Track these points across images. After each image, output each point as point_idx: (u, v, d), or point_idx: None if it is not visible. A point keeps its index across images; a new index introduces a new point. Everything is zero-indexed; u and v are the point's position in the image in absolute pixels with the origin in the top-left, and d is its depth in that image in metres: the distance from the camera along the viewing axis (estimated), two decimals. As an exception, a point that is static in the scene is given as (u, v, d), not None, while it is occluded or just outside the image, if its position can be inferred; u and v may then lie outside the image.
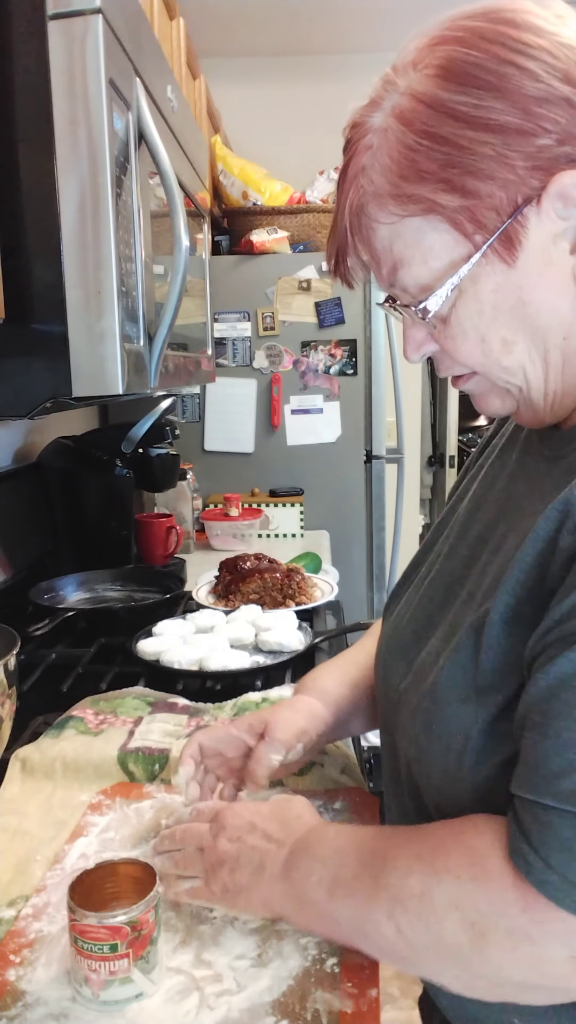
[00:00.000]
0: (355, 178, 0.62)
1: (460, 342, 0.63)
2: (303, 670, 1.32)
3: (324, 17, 2.99)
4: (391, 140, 0.59)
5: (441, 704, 0.64)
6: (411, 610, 0.77)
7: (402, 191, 0.59)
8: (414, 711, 0.68)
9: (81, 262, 0.91)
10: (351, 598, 2.58)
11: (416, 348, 0.67)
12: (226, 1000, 0.64)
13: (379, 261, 0.64)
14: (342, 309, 2.52)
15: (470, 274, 0.60)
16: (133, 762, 0.97)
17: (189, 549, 2.27)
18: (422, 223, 0.60)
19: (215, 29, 3.00)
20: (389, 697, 0.75)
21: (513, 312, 0.61)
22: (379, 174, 0.60)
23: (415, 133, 0.58)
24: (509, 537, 0.65)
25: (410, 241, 0.61)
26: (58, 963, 0.68)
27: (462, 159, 0.57)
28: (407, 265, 0.62)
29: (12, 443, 1.90)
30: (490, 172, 0.57)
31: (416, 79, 0.59)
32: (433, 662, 0.67)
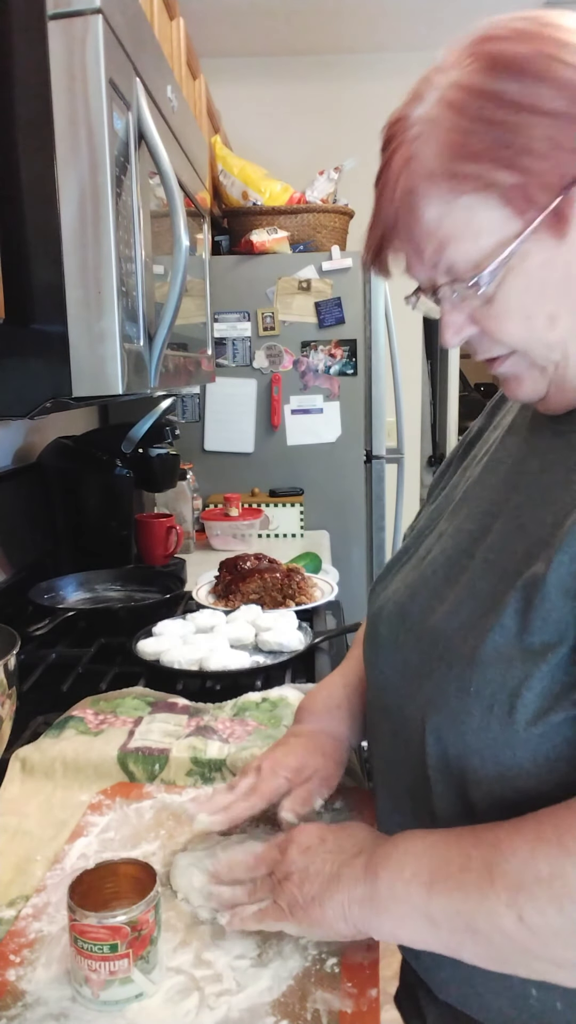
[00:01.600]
0: (404, 165, 0.64)
1: (504, 320, 0.65)
2: (303, 670, 1.32)
3: (324, 17, 2.99)
4: (442, 126, 0.62)
5: (482, 665, 0.64)
6: (412, 587, 0.77)
7: (457, 170, 0.61)
8: (444, 677, 0.66)
9: (81, 262, 0.91)
10: (351, 598, 2.57)
11: (456, 331, 0.68)
12: (226, 1000, 0.64)
13: (425, 241, 0.65)
14: (342, 309, 2.51)
15: (520, 251, 0.62)
16: (133, 762, 0.97)
17: (189, 549, 2.27)
18: (474, 201, 0.62)
19: (215, 29, 3.00)
20: (395, 673, 0.74)
21: (560, 286, 0.63)
22: (430, 158, 0.62)
23: (466, 118, 0.60)
24: (539, 509, 0.66)
25: (461, 220, 0.63)
26: (58, 963, 0.68)
27: (515, 139, 0.59)
28: (456, 242, 0.63)
29: (12, 443, 1.90)
30: (542, 152, 0.59)
31: (461, 73, 0.62)
32: (462, 628, 0.67)
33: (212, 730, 1.04)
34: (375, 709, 0.81)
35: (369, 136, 2.63)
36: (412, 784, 0.72)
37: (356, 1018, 0.62)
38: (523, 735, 0.61)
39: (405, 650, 0.73)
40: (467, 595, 0.69)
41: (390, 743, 0.76)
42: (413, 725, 0.70)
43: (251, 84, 3.32)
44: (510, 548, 0.67)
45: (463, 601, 0.69)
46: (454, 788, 0.67)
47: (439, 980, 0.71)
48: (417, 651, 0.71)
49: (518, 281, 0.63)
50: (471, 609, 0.67)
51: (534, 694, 0.61)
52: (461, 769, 0.66)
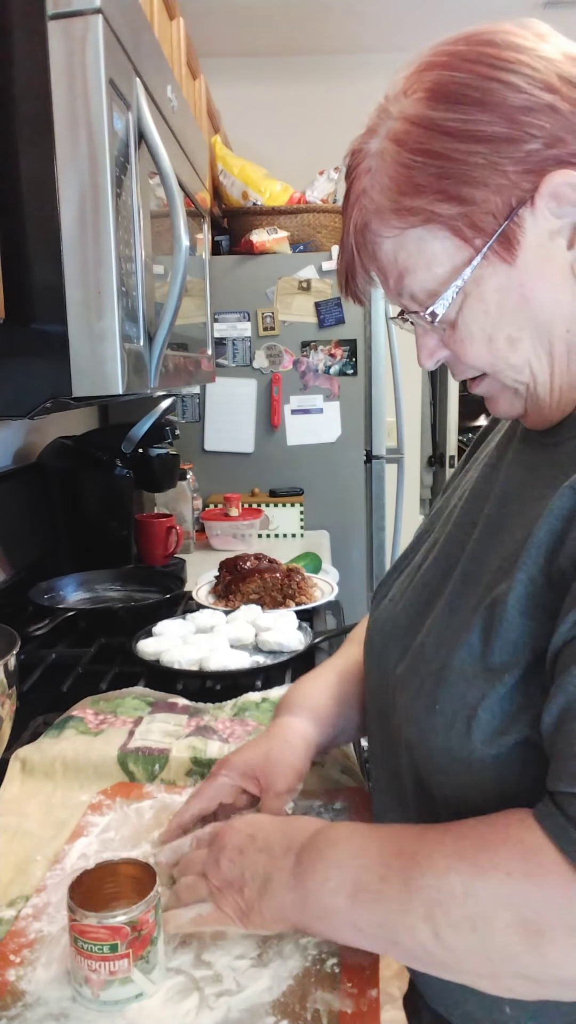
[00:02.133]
0: (357, 200, 0.66)
1: (468, 344, 0.66)
2: (303, 670, 1.32)
3: (324, 17, 2.99)
4: (388, 161, 0.63)
5: (446, 683, 0.64)
6: (405, 596, 0.78)
7: (402, 205, 0.63)
8: (416, 692, 0.67)
9: (81, 262, 0.91)
10: (351, 598, 2.58)
11: (429, 355, 0.70)
12: (226, 1000, 0.64)
13: (386, 274, 0.67)
14: (342, 309, 2.51)
15: (473, 276, 0.63)
16: (133, 762, 0.97)
17: (189, 549, 2.27)
18: (424, 233, 0.63)
19: (215, 29, 3.00)
20: (384, 682, 0.74)
21: (517, 309, 0.64)
22: (379, 193, 0.64)
23: (409, 151, 0.62)
24: (510, 521, 0.67)
25: (413, 251, 0.64)
26: (58, 963, 0.68)
27: (455, 170, 0.60)
28: (412, 273, 0.65)
29: (12, 443, 1.90)
30: (483, 179, 0.60)
31: (407, 104, 0.63)
32: (436, 644, 0.67)
33: (212, 730, 1.04)
34: (370, 713, 0.82)
35: (369, 136, 2.53)
36: (399, 792, 0.73)
37: (356, 1018, 0.62)
38: (479, 755, 0.61)
39: (392, 662, 0.74)
40: (446, 610, 0.69)
41: (380, 749, 0.78)
42: (396, 735, 0.71)
43: (251, 84, 3.32)
44: (485, 561, 0.67)
45: (442, 616, 0.69)
46: (427, 802, 0.68)
47: (428, 988, 0.72)
48: (402, 664, 0.72)
49: (476, 306, 0.64)
50: (447, 625, 0.68)
51: (490, 714, 0.61)
52: (430, 785, 0.67)
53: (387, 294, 0.69)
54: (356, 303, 0.73)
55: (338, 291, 0.77)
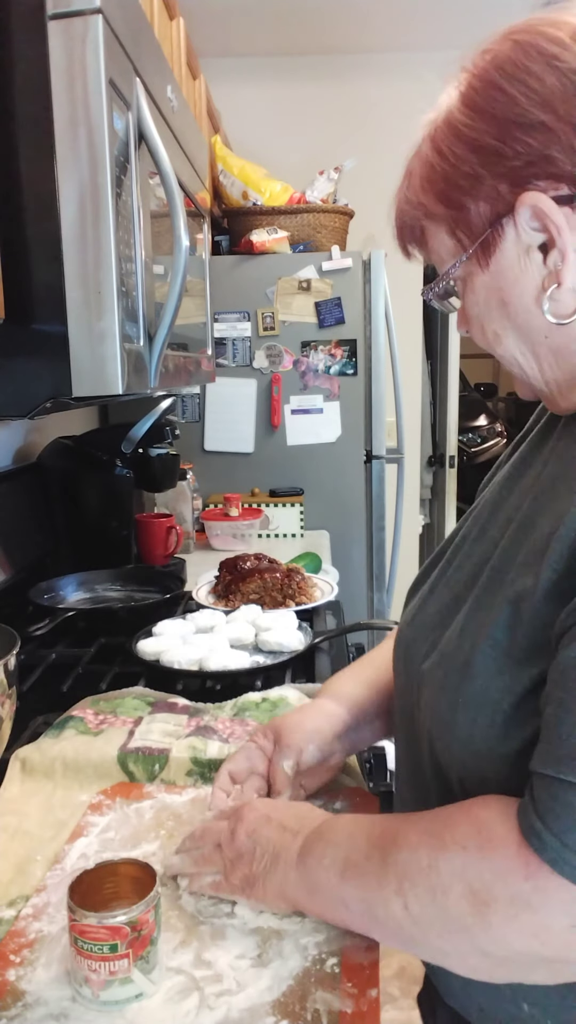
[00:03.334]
0: (404, 179, 0.71)
1: (471, 326, 0.72)
2: (303, 670, 1.32)
3: (324, 17, 2.99)
4: (421, 152, 0.68)
5: (470, 677, 0.65)
6: (436, 592, 0.78)
7: (418, 199, 0.68)
8: (441, 686, 0.68)
9: (81, 262, 0.91)
10: (351, 598, 2.58)
11: (458, 325, 0.75)
12: (226, 1000, 0.64)
13: (418, 250, 0.74)
14: (342, 309, 2.51)
15: (464, 271, 0.68)
16: (133, 762, 0.97)
17: (189, 549, 2.27)
18: (431, 225, 0.69)
19: (215, 29, 3.00)
20: (411, 678, 0.76)
21: (499, 310, 0.68)
22: (409, 183, 0.70)
23: (432, 150, 0.66)
24: (541, 517, 0.67)
25: (432, 235, 0.70)
26: (58, 963, 0.68)
27: (452, 175, 0.65)
28: (431, 253, 0.72)
29: (12, 443, 1.90)
30: (470, 187, 0.64)
31: (451, 98, 0.67)
32: (462, 638, 0.68)
33: (212, 730, 1.04)
34: (397, 709, 0.83)
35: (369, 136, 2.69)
36: (421, 788, 0.74)
37: (356, 1018, 0.62)
38: (501, 749, 0.63)
39: (420, 657, 0.75)
40: (474, 605, 0.70)
41: (404, 745, 0.79)
42: (419, 731, 0.73)
43: (251, 84, 3.32)
44: (513, 557, 0.67)
45: (470, 612, 0.70)
46: (447, 797, 0.69)
47: (445, 984, 0.72)
48: (429, 659, 0.73)
49: (471, 296, 0.69)
50: (474, 619, 0.69)
51: (513, 709, 0.62)
52: (450, 780, 0.68)
53: None
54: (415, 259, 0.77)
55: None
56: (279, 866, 0.70)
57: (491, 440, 5.81)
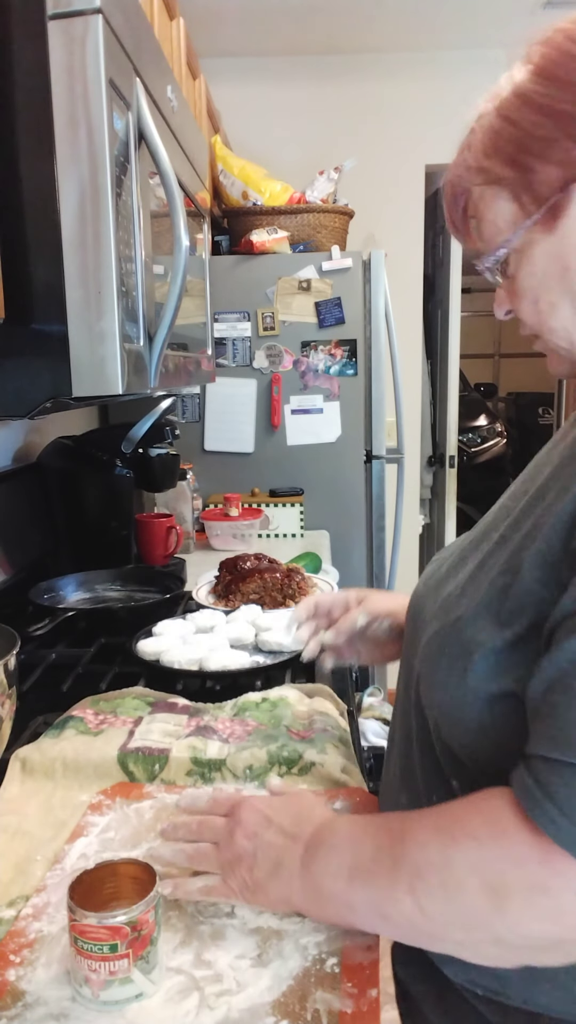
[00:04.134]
0: (461, 152, 0.72)
1: (520, 301, 0.71)
2: (303, 670, 1.32)
3: (323, 17, 2.99)
4: (486, 123, 0.69)
5: (459, 631, 0.69)
6: (451, 557, 0.82)
7: (481, 164, 0.69)
8: (435, 634, 0.72)
9: (81, 262, 0.91)
10: (351, 598, 2.57)
11: (499, 305, 0.75)
12: (226, 1000, 0.64)
13: (469, 220, 0.74)
14: (342, 309, 2.51)
15: (526, 239, 0.68)
16: (133, 762, 0.97)
17: (189, 549, 2.27)
18: (493, 191, 0.69)
19: (215, 29, 3.00)
20: (415, 628, 0.79)
21: (559, 277, 0.68)
22: (472, 151, 0.70)
23: (500, 117, 0.67)
24: (550, 492, 0.70)
25: (486, 205, 0.70)
26: (58, 963, 0.68)
27: (524, 139, 0.65)
28: (484, 223, 0.71)
29: (12, 443, 1.90)
30: (542, 151, 0.65)
31: (519, 75, 0.68)
32: (460, 595, 0.72)
33: (212, 730, 1.04)
34: (401, 661, 0.87)
35: (369, 136, 2.70)
36: (404, 731, 0.79)
37: (356, 1018, 0.62)
38: (470, 698, 0.66)
39: (427, 612, 0.78)
40: (477, 567, 0.73)
41: (402, 693, 0.83)
42: (410, 676, 0.78)
43: (251, 84, 3.32)
44: (521, 526, 0.70)
45: (472, 573, 0.73)
46: (426, 738, 0.74)
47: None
48: (431, 612, 0.77)
49: (527, 267, 0.69)
50: (474, 579, 0.72)
51: (485, 662, 0.65)
52: (427, 720, 0.73)
53: (471, 240, 0.75)
54: (463, 241, 0.77)
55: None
56: (282, 874, 0.70)
57: (491, 440, 5.81)
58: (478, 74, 3.20)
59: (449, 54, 3.22)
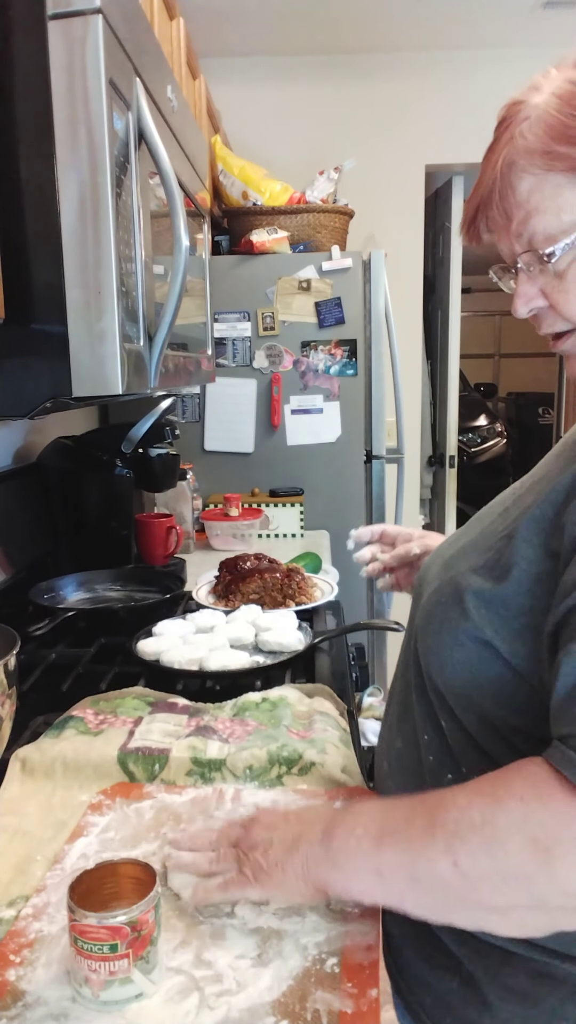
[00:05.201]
0: (509, 140, 0.70)
1: (572, 296, 0.70)
2: (303, 670, 1.32)
3: (324, 17, 2.99)
4: (549, 111, 0.68)
5: (457, 581, 0.74)
6: (459, 532, 0.88)
7: (552, 149, 0.67)
8: (434, 591, 0.77)
9: (81, 262, 0.91)
10: (351, 598, 2.57)
11: (526, 302, 0.74)
12: (226, 1000, 0.64)
13: (515, 210, 0.71)
14: (342, 309, 2.51)
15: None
16: (133, 762, 0.97)
17: (189, 549, 2.27)
18: (563, 180, 0.67)
19: (215, 29, 3.00)
20: (421, 586, 0.85)
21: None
22: (534, 135, 0.68)
23: (569, 107, 0.67)
24: (552, 472, 0.73)
25: (548, 194, 0.68)
26: (58, 963, 0.68)
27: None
28: (540, 214, 0.69)
29: (12, 443, 1.90)
30: None
31: (575, 72, 0.68)
32: (460, 556, 0.77)
33: (212, 730, 1.04)
34: (407, 624, 0.91)
35: (369, 136, 2.70)
36: (403, 682, 0.84)
37: (356, 1018, 0.62)
38: (460, 638, 0.71)
39: (430, 577, 0.83)
40: (479, 534, 0.78)
41: (404, 646, 0.87)
42: (411, 631, 0.83)
43: (251, 84, 3.32)
44: (524, 501, 0.73)
45: (476, 540, 0.78)
46: (421, 684, 0.78)
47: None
48: (434, 573, 0.82)
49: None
50: (475, 545, 0.76)
51: (476, 610, 0.70)
52: (421, 666, 0.78)
53: (502, 236, 0.73)
54: (473, 242, 0.77)
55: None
56: (300, 847, 0.70)
57: (491, 440, 5.81)
58: (478, 74, 3.22)
59: (449, 54, 3.22)
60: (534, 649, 0.68)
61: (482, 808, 0.62)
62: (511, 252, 0.73)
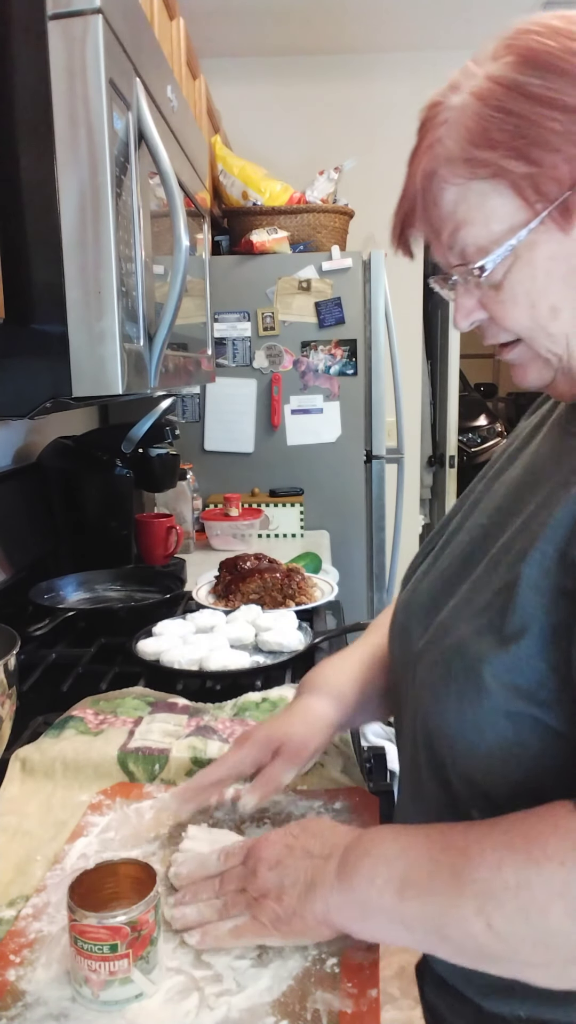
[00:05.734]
0: (429, 148, 0.66)
1: (510, 307, 0.67)
2: (303, 670, 1.32)
3: (324, 17, 2.99)
4: (467, 113, 0.64)
5: (462, 655, 0.66)
6: (428, 578, 0.79)
7: (473, 155, 0.63)
8: (434, 663, 0.69)
9: (81, 262, 0.91)
10: (351, 598, 2.58)
11: (466, 315, 0.70)
12: (226, 1000, 0.64)
13: (442, 224, 0.67)
14: (342, 309, 2.51)
15: (527, 240, 0.64)
16: (133, 762, 0.97)
17: (189, 549, 2.27)
18: (488, 187, 0.64)
19: (215, 29, 3.00)
20: (406, 659, 0.76)
21: (564, 280, 0.65)
22: (453, 141, 0.64)
23: (490, 108, 0.63)
24: (537, 509, 0.67)
25: (474, 204, 0.65)
26: (58, 963, 0.68)
27: (530, 131, 0.61)
28: (468, 226, 0.65)
29: (12, 443, 1.90)
30: (556, 145, 0.61)
31: (495, 67, 0.64)
32: (457, 619, 0.69)
33: (212, 730, 1.04)
34: (392, 690, 0.84)
35: (369, 136, 2.70)
36: (411, 762, 0.75)
37: (356, 1018, 0.62)
38: (490, 718, 0.63)
39: (414, 638, 0.75)
40: (471, 592, 0.70)
41: (401, 726, 0.79)
42: (414, 708, 0.73)
43: (251, 84, 3.32)
44: (514, 547, 0.68)
45: (467, 597, 0.70)
46: (435, 767, 0.70)
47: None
48: (423, 639, 0.73)
49: (524, 270, 0.65)
50: (469, 603, 0.69)
51: (497, 682, 0.62)
52: (438, 748, 0.69)
53: (436, 250, 0.70)
54: (405, 255, 0.73)
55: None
56: (316, 893, 0.64)
57: (491, 440, 5.81)
58: (478, 74, 3.21)
59: (449, 54, 3.21)
60: None
61: (516, 869, 0.56)
62: (446, 263, 0.69)
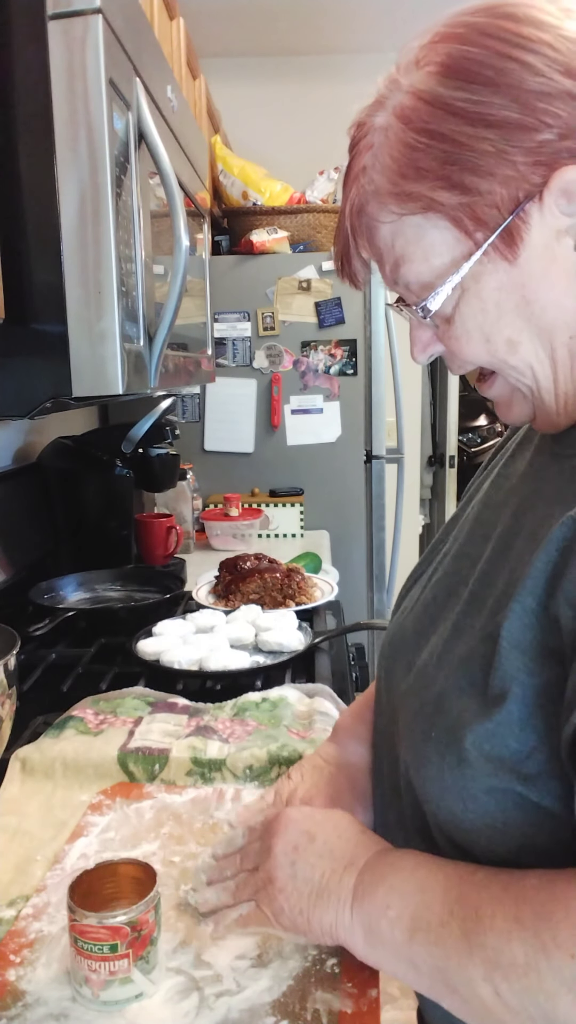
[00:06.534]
0: (356, 178, 0.62)
1: (464, 342, 0.62)
2: (303, 670, 1.32)
3: (324, 17, 2.99)
4: (391, 139, 0.59)
5: (443, 711, 0.61)
6: (414, 609, 0.75)
7: (401, 189, 0.58)
8: (415, 716, 0.65)
9: (81, 262, 0.91)
10: (351, 598, 2.58)
11: (422, 349, 0.67)
12: (226, 1000, 0.64)
13: (382, 260, 0.64)
14: (342, 309, 2.51)
15: (472, 272, 0.59)
16: (133, 762, 0.97)
17: (189, 549, 2.27)
18: (422, 221, 0.59)
19: (215, 29, 3.00)
20: (391, 700, 0.72)
21: (517, 311, 0.60)
22: (379, 173, 0.60)
23: (414, 131, 0.57)
24: (518, 539, 0.63)
25: (411, 239, 0.60)
26: (58, 963, 0.68)
27: (460, 156, 0.56)
28: (409, 263, 0.61)
29: (12, 443, 1.90)
30: (489, 168, 0.56)
31: (418, 77, 0.58)
32: (438, 666, 0.64)
33: (212, 730, 1.04)
34: (376, 727, 0.79)
35: (369, 136, 2.54)
36: (398, 811, 0.70)
37: (356, 1018, 0.62)
38: (471, 790, 0.58)
39: (398, 678, 0.71)
40: (452, 631, 0.65)
41: (385, 766, 0.74)
42: (392, 757, 0.69)
43: (251, 84, 3.32)
44: (494, 582, 0.63)
45: (446, 640, 0.65)
46: (420, 827, 0.65)
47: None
48: (405, 681, 0.69)
49: (474, 303, 0.60)
50: (451, 649, 0.64)
51: (478, 752, 0.57)
52: (423, 810, 0.64)
53: (384, 280, 0.65)
54: (352, 286, 0.69)
55: (340, 282, 0.72)
56: (329, 904, 0.62)
57: (491, 440, 5.80)
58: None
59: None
60: (568, 780, 0.55)
61: (524, 947, 0.52)
62: (396, 296, 0.65)
